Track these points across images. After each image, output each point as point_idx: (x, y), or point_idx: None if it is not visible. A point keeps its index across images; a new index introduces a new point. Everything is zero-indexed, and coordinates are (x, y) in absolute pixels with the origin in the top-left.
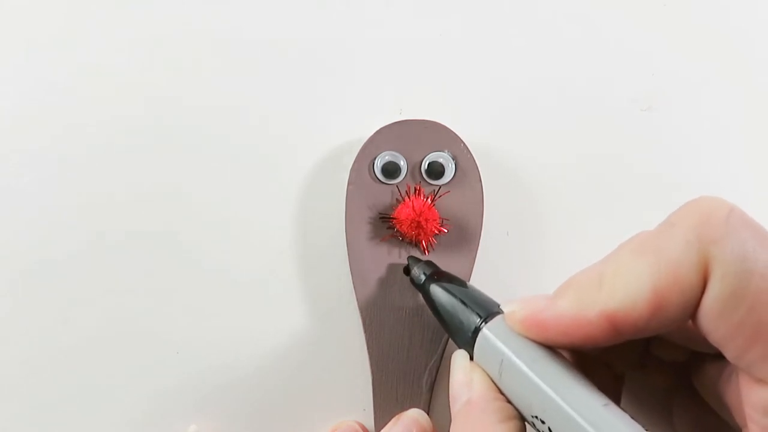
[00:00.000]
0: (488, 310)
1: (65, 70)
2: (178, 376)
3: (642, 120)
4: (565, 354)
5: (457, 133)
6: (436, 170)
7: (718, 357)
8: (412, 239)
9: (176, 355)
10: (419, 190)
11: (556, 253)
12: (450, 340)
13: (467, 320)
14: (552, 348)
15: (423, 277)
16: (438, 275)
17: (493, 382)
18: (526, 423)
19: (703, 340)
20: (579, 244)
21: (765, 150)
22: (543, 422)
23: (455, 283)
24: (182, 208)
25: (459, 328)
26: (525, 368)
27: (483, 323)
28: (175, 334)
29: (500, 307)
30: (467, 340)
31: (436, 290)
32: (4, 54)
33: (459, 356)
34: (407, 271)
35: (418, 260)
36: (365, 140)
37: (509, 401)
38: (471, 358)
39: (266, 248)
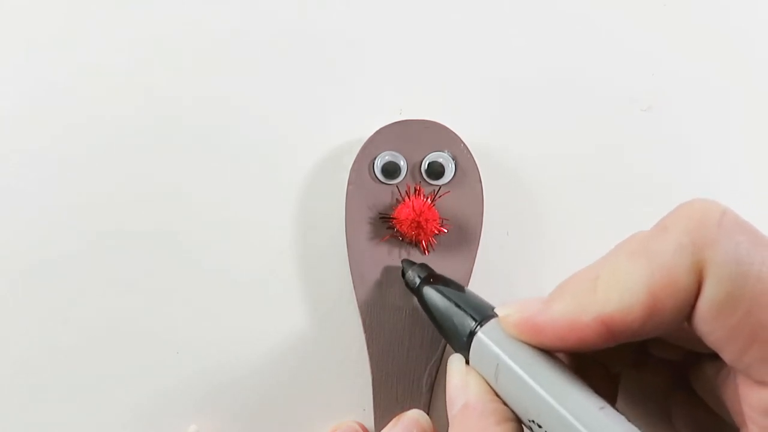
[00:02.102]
0: (483, 314)
1: (65, 70)
2: (178, 376)
3: (642, 120)
4: (561, 354)
5: (457, 133)
6: (436, 170)
7: (715, 356)
8: (412, 239)
9: (176, 355)
10: (419, 190)
11: (556, 253)
12: None
13: (462, 324)
14: (547, 351)
15: (417, 281)
16: (433, 278)
17: (489, 385)
18: (523, 426)
19: (700, 341)
20: (579, 244)
21: (765, 150)
22: (540, 426)
23: (450, 286)
24: (182, 208)
25: (454, 331)
26: (521, 372)
27: (478, 327)
28: (175, 334)
29: (495, 310)
30: (463, 344)
31: (430, 293)
32: (4, 54)
33: (455, 360)
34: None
35: (412, 263)
36: (365, 140)
37: (506, 404)
38: (467, 362)
39: (266, 248)
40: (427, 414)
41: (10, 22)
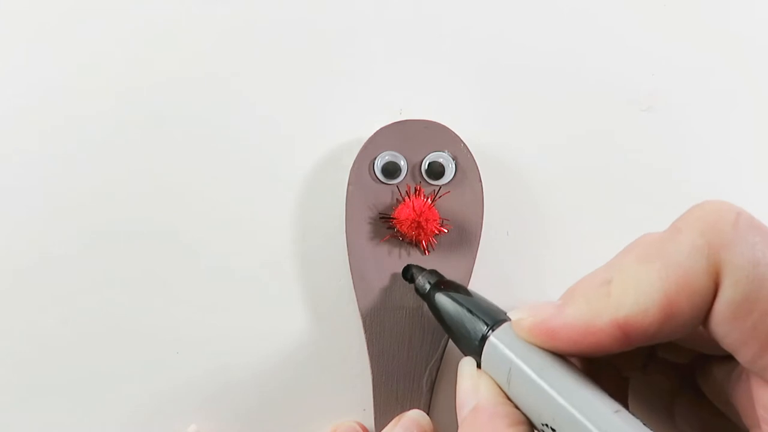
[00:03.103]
0: (495, 318)
1: (65, 68)
2: (178, 376)
3: (642, 120)
4: (572, 358)
5: (457, 133)
6: (436, 170)
7: (725, 358)
8: (412, 239)
9: (176, 355)
10: (419, 190)
11: (556, 253)
12: (452, 343)
13: (474, 328)
14: (560, 355)
15: (428, 286)
16: (443, 284)
17: (500, 389)
18: (535, 430)
19: (713, 343)
20: (579, 244)
21: (765, 150)
22: (554, 430)
23: (460, 291)
24: (182, 208)
25: (465, 336)
26: (534, 376)
27: (490, 331)
28: (175, 333)
29: (507, 314)
30: (474, 348)
31: (441, 299)
32: (4, 54)
33: (466, 364)
34: (405, 275)
35: (422, 269)
36: (365, 140)
37: (518, 408)
38: (478, 366)
39: (266, 248)
40: (427, 414)
41: (10, 22)
